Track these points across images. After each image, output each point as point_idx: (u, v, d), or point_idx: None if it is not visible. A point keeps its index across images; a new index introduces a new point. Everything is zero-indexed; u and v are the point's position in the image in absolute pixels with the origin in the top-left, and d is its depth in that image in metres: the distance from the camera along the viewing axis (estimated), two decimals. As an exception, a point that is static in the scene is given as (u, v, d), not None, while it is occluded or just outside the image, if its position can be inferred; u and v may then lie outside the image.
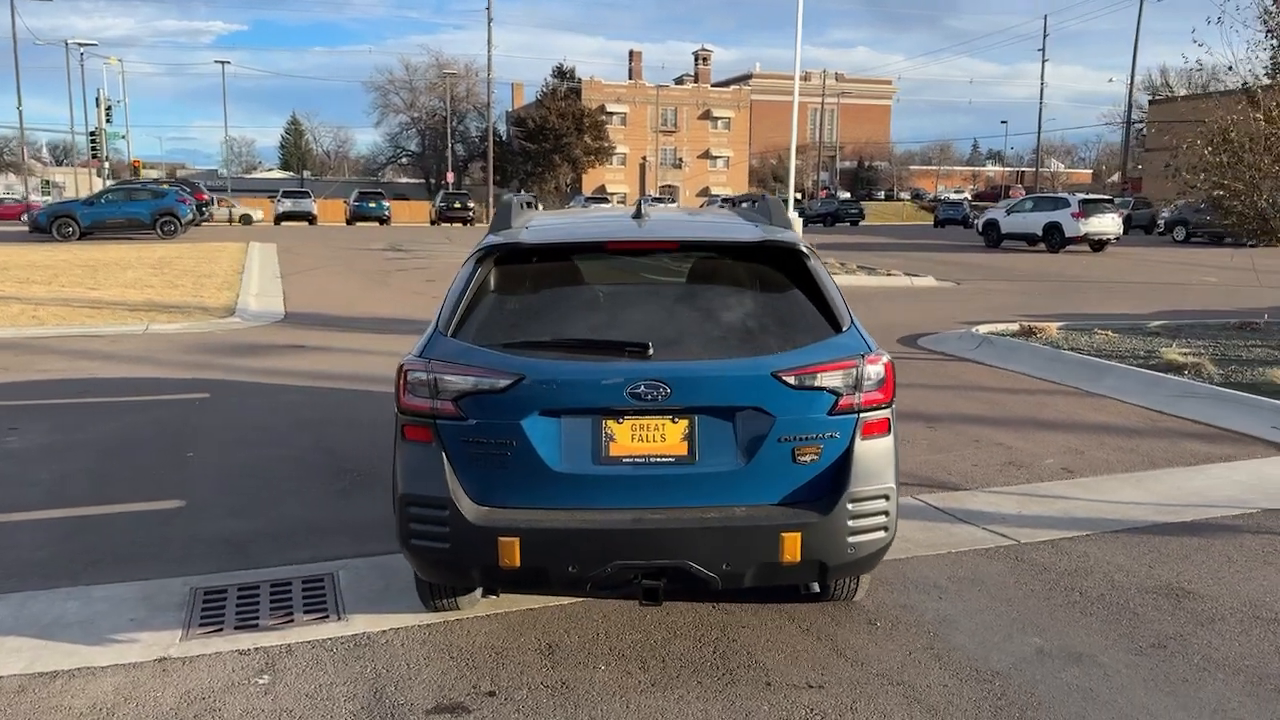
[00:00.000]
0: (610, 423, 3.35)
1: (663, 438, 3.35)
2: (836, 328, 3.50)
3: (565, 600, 4.30)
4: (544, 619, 4.16)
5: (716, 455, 3.37)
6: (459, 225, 48.23)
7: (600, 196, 69.58)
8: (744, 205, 4.60)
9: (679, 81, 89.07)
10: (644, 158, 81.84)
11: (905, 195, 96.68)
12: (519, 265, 3.68)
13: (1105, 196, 30.35)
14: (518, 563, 3.29)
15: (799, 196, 75.65)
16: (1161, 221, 35.86)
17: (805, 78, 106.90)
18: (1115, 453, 6.88)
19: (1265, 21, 8.87)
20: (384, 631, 4.11)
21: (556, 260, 3.71)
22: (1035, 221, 29.45)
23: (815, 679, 3.59)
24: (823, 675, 3.62)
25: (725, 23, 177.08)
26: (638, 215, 4.08)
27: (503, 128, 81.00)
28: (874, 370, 3.42)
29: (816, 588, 4.02)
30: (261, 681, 3.68)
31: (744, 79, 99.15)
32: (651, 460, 3.36)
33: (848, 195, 79.74)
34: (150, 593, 4.52)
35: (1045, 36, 78.60)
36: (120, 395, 8.83)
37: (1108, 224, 28.52)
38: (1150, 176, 50.80)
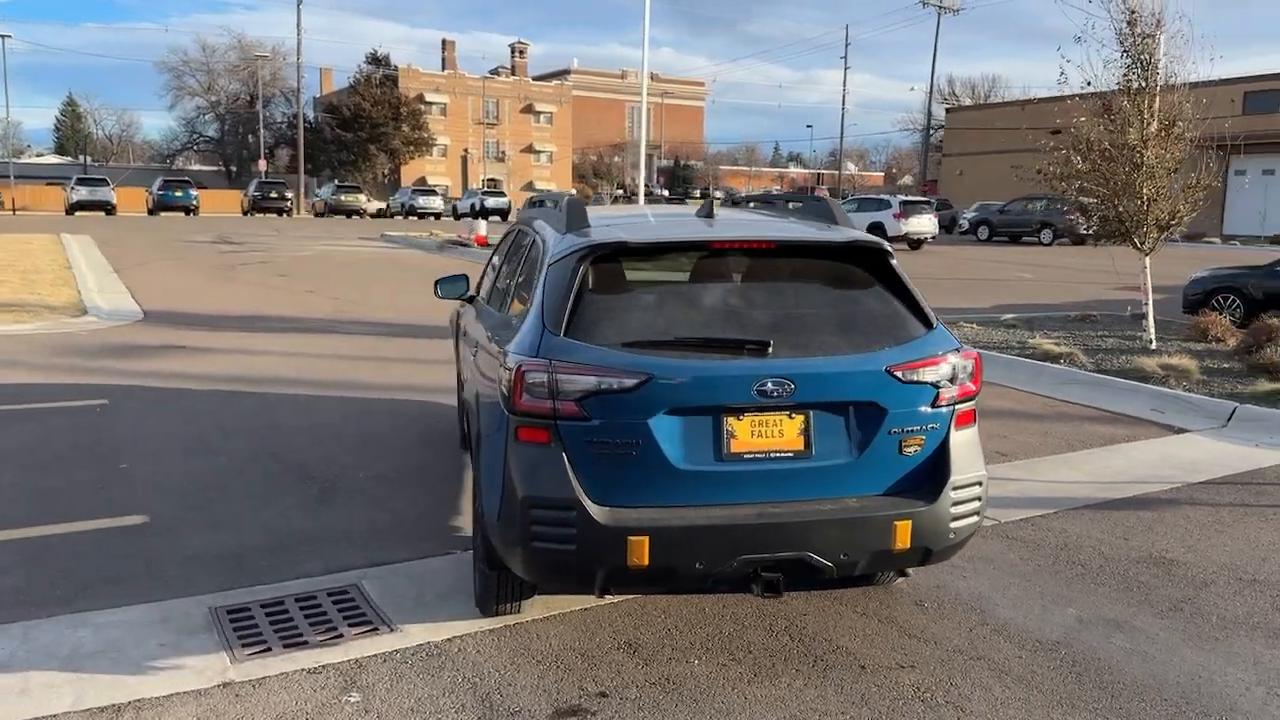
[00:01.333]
0: (731, 419, 3.42)
1: (781, 433, 3.46)
2: (928, 325, 3.72)
3: (613, 598, 4.33)
4: (605, 618, 4.18)
5: (831, 449, 3.51)
6: (273, 215, 45.96)
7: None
8: (789, 204, 4.74)
9: (494, 73, 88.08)
10: (465, 150, 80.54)
11: (719, 194, 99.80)
12: (620, 263, 3.68)
13: (924, 199, 32.53)
14: (646, 562, 3.32)
15: (620, 192, 76.57)
16: (965, 221, 38.63)
17: (622, 75, 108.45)
18: (1034, 436, 7.49)
19: (1121, 42, 9.87)
20: (450, 640, 4.01)
21: (657, 258, 3.73)
22: (859, 221, 31.10)
23: (902, 660, 3.80)
24: (906, 656, 3.83)
25: (532, 15, 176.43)
26: (708, 215, 4.15)
27: (311, 114, 77.58)
28: (967, 364, 3.66)
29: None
30: (354, 699, 3.53)
31: (563, 74, 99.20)
32: (771, 455, 3.46)
33: (666, 193, 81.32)
34: (167, 615, 4.22)
35: (847, 45, 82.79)
36: (5, 404, 8.02)
37: (925, 224, 30.60)
38: (947, 179, 54.59)
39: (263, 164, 60.26)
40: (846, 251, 3.81)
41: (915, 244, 30.78)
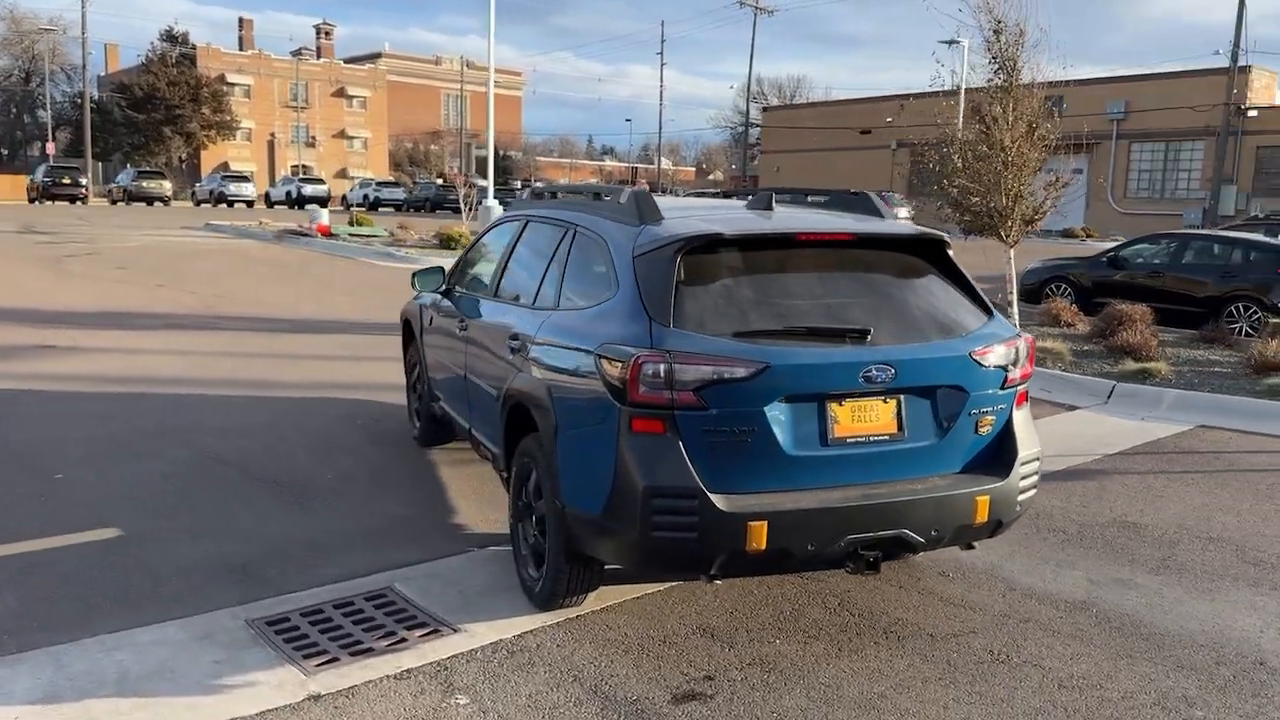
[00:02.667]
0: (834, 405, 3.57)
1: (876, 417, 3.65)
2: (988, 312, 3.99)
3: (661, 585, 4.41)
4: (662, 607, 4.25)
5: (919, 430, 3.72)
6: (66, 203, 42.30)
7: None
8: (820, 200, 4.91)
9: (296, 54, 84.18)
10: (273, 134, 76.67)
11: (539, 185, 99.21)
12: (712, 255, 3.74)
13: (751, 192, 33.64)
14: (764, 546, 3.42)
15: (440, 182, 74.97)
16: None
17: (436, 61, 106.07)
18: (953, 418, 8.05)
19: (989, 48, 10.73)
20: (522, 637, 3.98)
21: (747, 250, 3.81)
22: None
23: (961, 627, 4.08)
24: (963, 623, 4.11)
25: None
26: (766, 208, 4.28)
27: (96, 93, 71.67)
28: (1026, 348, 3.97)
29: None
30: (462, 701, 3.46)
31: (374, 57, 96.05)
32: (869, 439, 3.64)
33: (484, 182, 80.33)
34: (205, 630, 3.97)
35: (663, 41, 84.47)
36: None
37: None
38: (765, 175, 56.73)
39: (51, 147, 55.29)
40: (913, 243, 4.04)
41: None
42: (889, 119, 51.10)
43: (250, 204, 50.00)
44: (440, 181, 75.15)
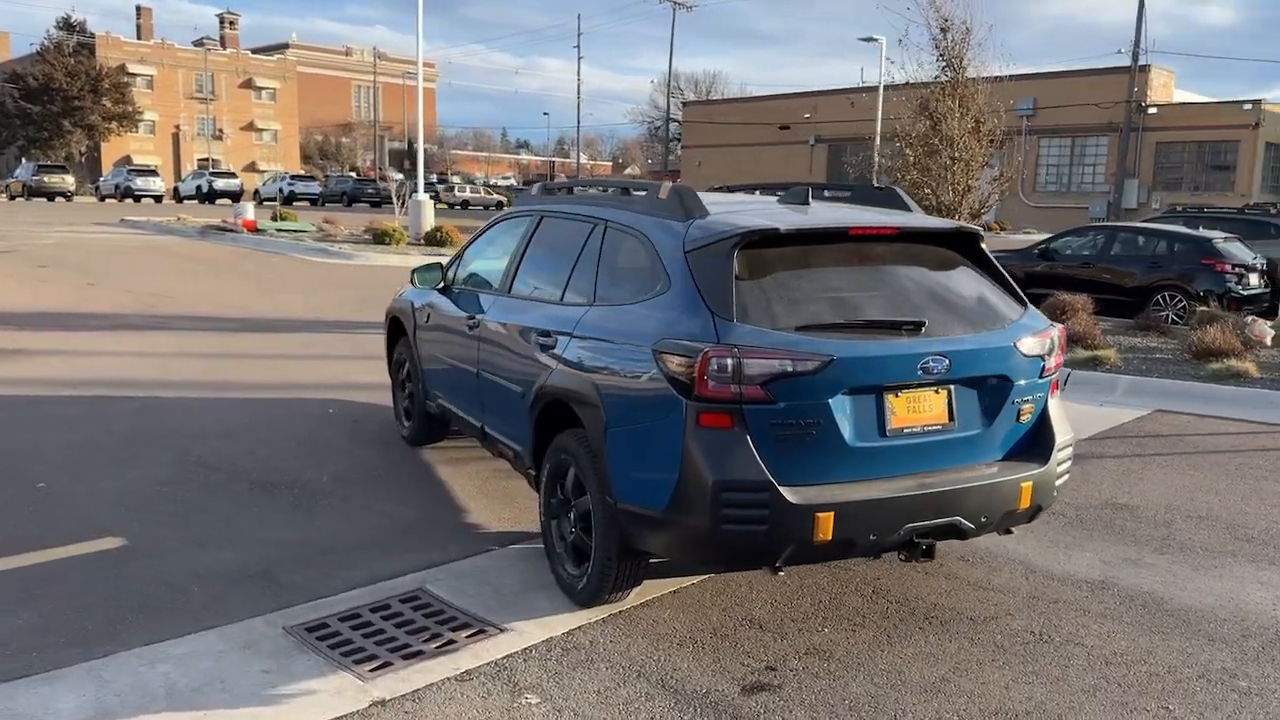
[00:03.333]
0: (890, 396, 3.65)
1: (929, 408, 3.73)
2: (1022, 303, 4.12)
3: (696, 578, 4.45)
4: (701, 599, 4.28)
5: (968, 420, 3.82)
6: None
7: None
8: (844, 195, 4.98)
9: (199, 44, 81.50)
10: (178, 127, 74.12)
11: (456, 179, 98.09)
12: (768, 250, 3.77)
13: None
14: (830, 536, 3.48)
15: (355, 175, 73.45)
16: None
17: (346, 52, 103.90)
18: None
19: (936, 45, 11.11)
20: (571, 634, 3.97)
21: (801, 245, 3.85)
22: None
23: (997, 609, 4.21)
24: (998, 606, 4.25)
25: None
26: (803, 203, 4.33)
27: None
28: (1059, 338, 4.11)
29: None
30: (533, 700, 3.45)
31: (281, 48, 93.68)
32: (924, 429, 3.73)
33: (400, 176, 79.00)
34: (245, 639, 3.86)
35: (580, 35, 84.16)
36: None
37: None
38: (687, 170, 57.09)
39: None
40: (952, 236, 4.14)
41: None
42: (806, 115, 51.97)
43: (159, 199, 48.24)
44: (355, 175, 73.71)
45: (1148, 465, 6.54)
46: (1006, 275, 4.18)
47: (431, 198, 25.89)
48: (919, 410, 3.71)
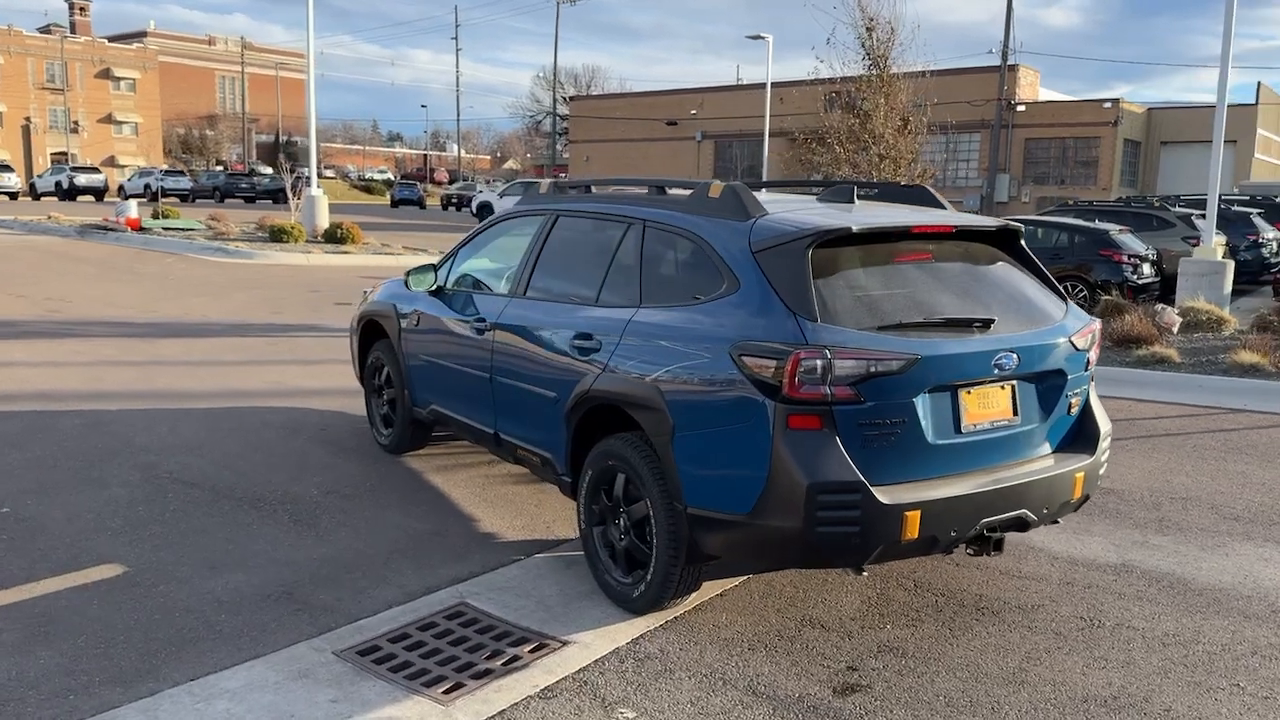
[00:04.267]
0: (964, 394, 3.70)
1: (997, 403, 3.80)
2: (1063, 298, 4.24)
3: (734, 581, 4.44)
4: (755, 600, 4.28)
5: (1029, 414, 3.92)
6: None
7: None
8: (871, 192, 4.99)
9: (46, 30, 76.64)
10: (28, 119, 69.50)
11: (329, 173, 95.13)
12: (839, 249, 3.75)
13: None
14: (916, 535, 3.51)
15: (221, 168, 70.39)
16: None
17: (209, 41, 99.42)
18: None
19: (863, 44, 11.35)
20: (636, 643, 3.90)
21: (870, 244, 3.86)
22: (527, 203, 31.78)
23: (1040, 597, 4.33)
24: (1039, 594, 4.37)
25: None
26: (849, 201, 4.35)
27: None
28: (1099, 332, 4.25)
29: None
30: (629, 715, 3.37)
31: (139, 36, 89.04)
32: (993, 425, 3.80)
33: (269, 170, 76.11)
34: (297, 668, 3.66)
35: (457, 26, 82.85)
36: None
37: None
38: (575, 165, 56.90)
39: None
40: (998, 234, 4.22)
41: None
42: (693, 111, 52.43)
43: (14, 196, 45.28)
44: (224, 169, 70.58)
45: (1115, 450, 6.84)
46: (1045, 271, 4.30)
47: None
48: (988, 406, 3.79)
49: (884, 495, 3.46)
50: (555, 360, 4.54)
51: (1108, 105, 42.66)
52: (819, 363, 3.42)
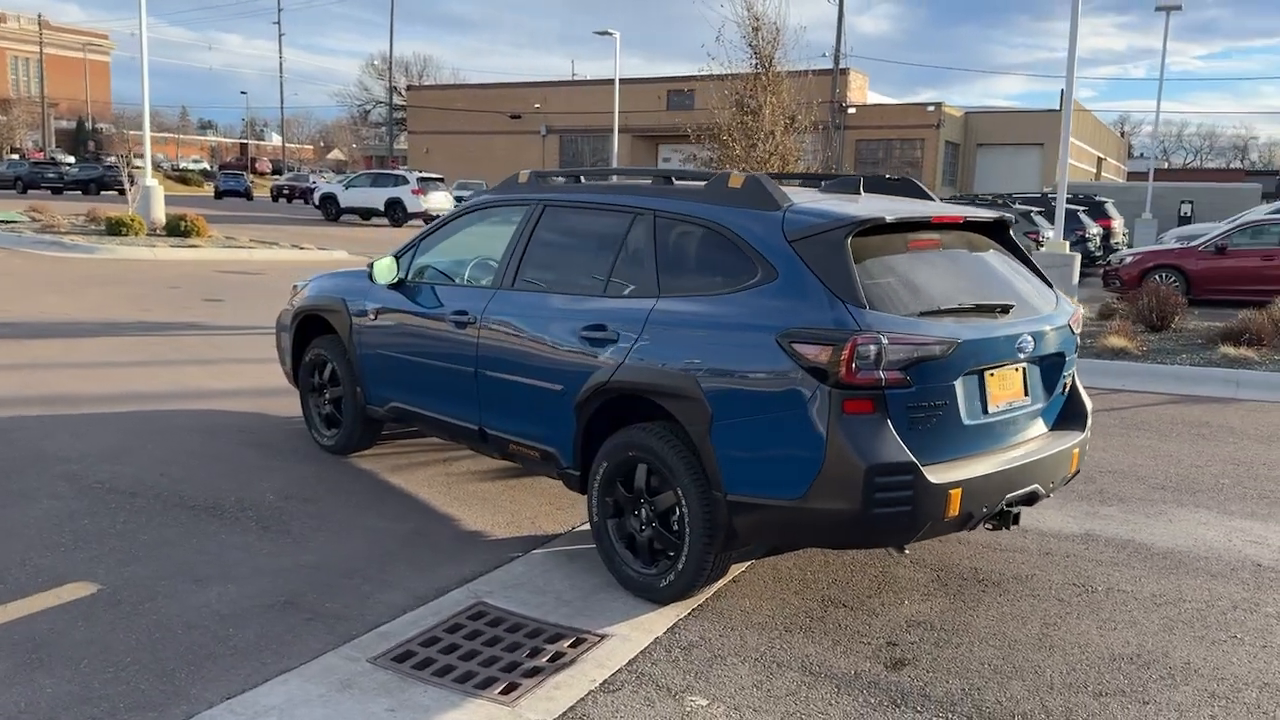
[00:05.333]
0: (989, 376, 3.89)
1: (1013, 385, 4.01)
2: (1050, 285, 4.51)
3: (740, 566, 4.52)
4: (769, 583, 4.36)
5: (1036, 394, 4.15)
6: None
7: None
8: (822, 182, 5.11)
9: None
10: None
11: (139, 162, 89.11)
12: (872, 238, 3.84)
13: (438, 176, 32.98)
14: (956, 512, 3.68)
15: (18, 156, 64.72)
16: (459, 199, 40.05)
17: (1, 19, 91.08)
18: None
19: (750, 43, 11.56)
20: (673, 632, 3.91)
21: (898, 233, 3.98)
22: (377, 196, 30.84)
23: (1028, 569, 4.59)
24: (1024, 565, 4.64)
25: None
26: (855, 192, 4.48)
27: None
28: (1081, 318, 4.55)
29: None
30: (702, 703, 3.38)
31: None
32: (1009, 405, 4.01)
33: (72, 159, 70.59)
34: (336, 679, 3.48)
35: (280, 10, 79.33)
36: None
37: (442, 200, 31.27)
38: (415, 156, 55.61)
39: None
40: (994, 225, 4.44)
41: (430, 220, 31.29)
42: (537, 105, 52.24)
43: None
44: (18, 156, 64.85)
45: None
46: (1033, 259, 4.57)
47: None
48: (1006, 388, 4.00)
49: (932, 475, 3.61)
50: (559, 353, 4.47)
51: (930, 109, 45.29)
52: (873, 348, 3.52)
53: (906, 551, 3.91)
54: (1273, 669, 3.66)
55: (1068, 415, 4.41)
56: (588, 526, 5.06)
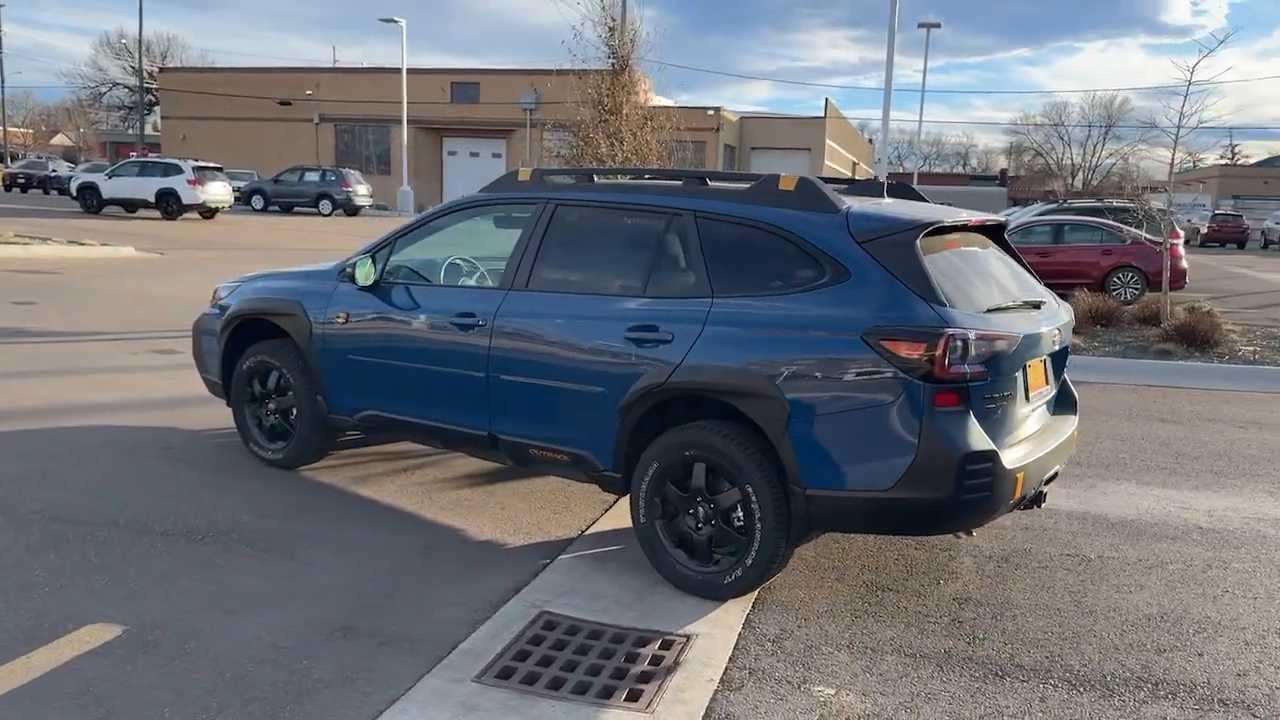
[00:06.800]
0: (1029, 366, 4.21)
1: (1040, 375, 4.33)
2: (1039, 279, 4.91)
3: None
4: (799, 575, 4.52)
5: (1050, 383, 4.54)
6: None
7: None
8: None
9: None
10: None
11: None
12: (932, 239, 4.06)
13: (216, 165, 30.58)
14: (1019, 495, 3.98)
15: None
16: (237, 190, 37.48)
17: None
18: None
19: (607, 42, 11.48)
20: (750, 626, 3.98)
21: (949, 234, 4.24)
22: (146, 187, 28.36)
23: (1024, 541, 4.99)
24: (1019, 539, 5.04)
25: None
26: (879, 195, 4.69)
27: None
28: None
29: None
30: (828, 691, 3.48)
31: None
32: (1039, 394, 4.35)
33: None
34: (458, 702, 3.33)
35: (-2, -23, 71.15)
36: None
37: (221, 191, 29.21)
38: (170, 143, 51.46)
39: None
40: (997, 228, 4.79)
41: (210, 213, 29.16)
42: (309, 91, 49.76)
43: None
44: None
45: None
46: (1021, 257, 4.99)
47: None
48: (1039, 377, 4.36)
49: (1007, 460, 3.89)
50: (599, 355, 4.41)
51: (710, 112, 46.97)
52: (961, 343, 3.75)
53: (974, 534, 4.17)
54: (1276, 615, 4.22)
55: (1063, 401, 4.85)
56: (598, 529, 5.06)
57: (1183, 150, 12.44)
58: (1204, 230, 45.28)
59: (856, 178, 5.09)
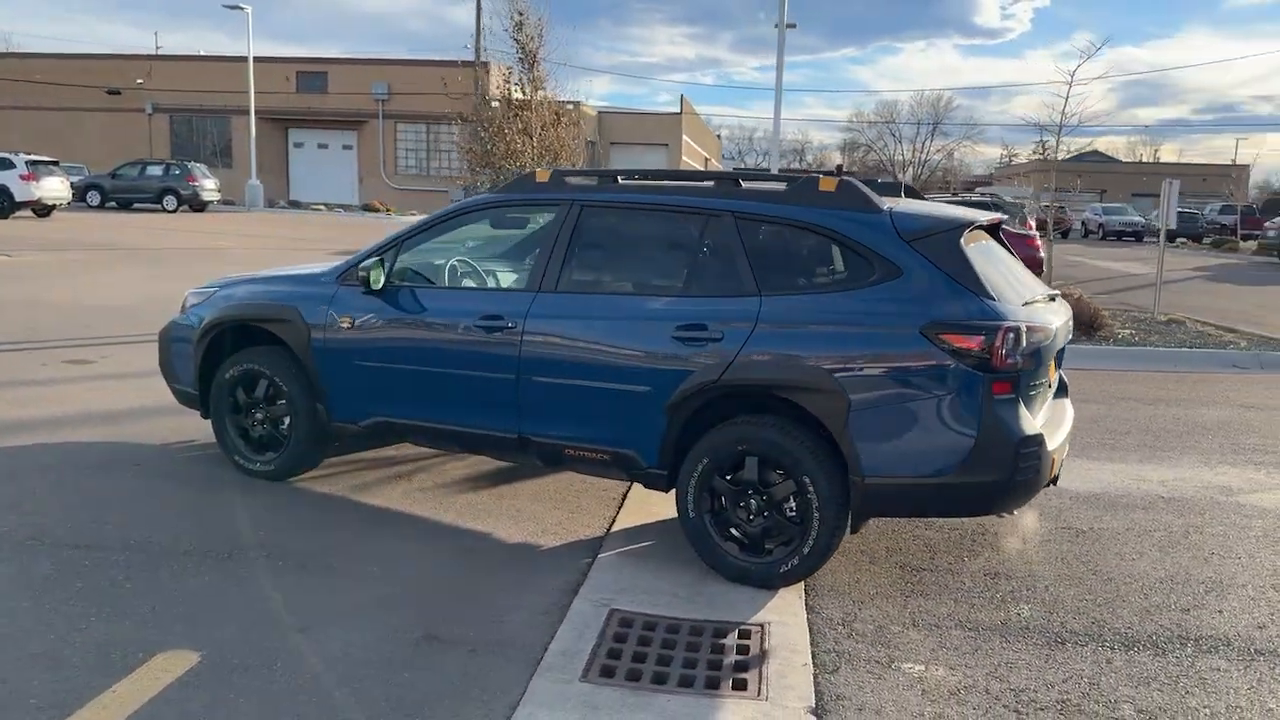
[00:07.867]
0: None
1: (1053, 364, 4.70)
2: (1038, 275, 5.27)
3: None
4: (833, 560, 4.74)
5: (1057, 371, 4.87)
6: None
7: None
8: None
9: None
10: None
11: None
12: (968, 236, 4.29)
13: (52, 159, 28.25)
14: (1054, 474, 4.30)
15: None
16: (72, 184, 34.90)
17: None
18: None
19: (514, 38, 11.33)
20: (812, 611, 4.14)
21: (979, 233, 4.48)
22: (-34, 182, 26.13)
23: (1013, 521, 5.36)
24: (1008, 522, 5.41)
25: None
26: (897, 195, 4.90)
27: None
28: None
29: None
30: (916, 668, 3.67)
31: None
32: (1052, 382, 4.67)
33: None
34: (581, 702, 3.36)
35: None
36: None
37: (58, 187, 27.23)
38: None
39: None
40: (996, 226, 5.09)
41: (45, 211, 27.09)
42: (139, 80, 46.81)
43: None
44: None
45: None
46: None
47: None
48: (1053, 366, 4.69)
49: (1049, 443, 4.19)
50: (643, 354, 4.46)
51: (571, 107, 47.00)
52: (1013, 335, 4.02)
53: (1014, 513, 4.46)
54: (1265, 572, 4.70)
55: (1060, 389, 5.23)
56: (621, 527, 5.11)
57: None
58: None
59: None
